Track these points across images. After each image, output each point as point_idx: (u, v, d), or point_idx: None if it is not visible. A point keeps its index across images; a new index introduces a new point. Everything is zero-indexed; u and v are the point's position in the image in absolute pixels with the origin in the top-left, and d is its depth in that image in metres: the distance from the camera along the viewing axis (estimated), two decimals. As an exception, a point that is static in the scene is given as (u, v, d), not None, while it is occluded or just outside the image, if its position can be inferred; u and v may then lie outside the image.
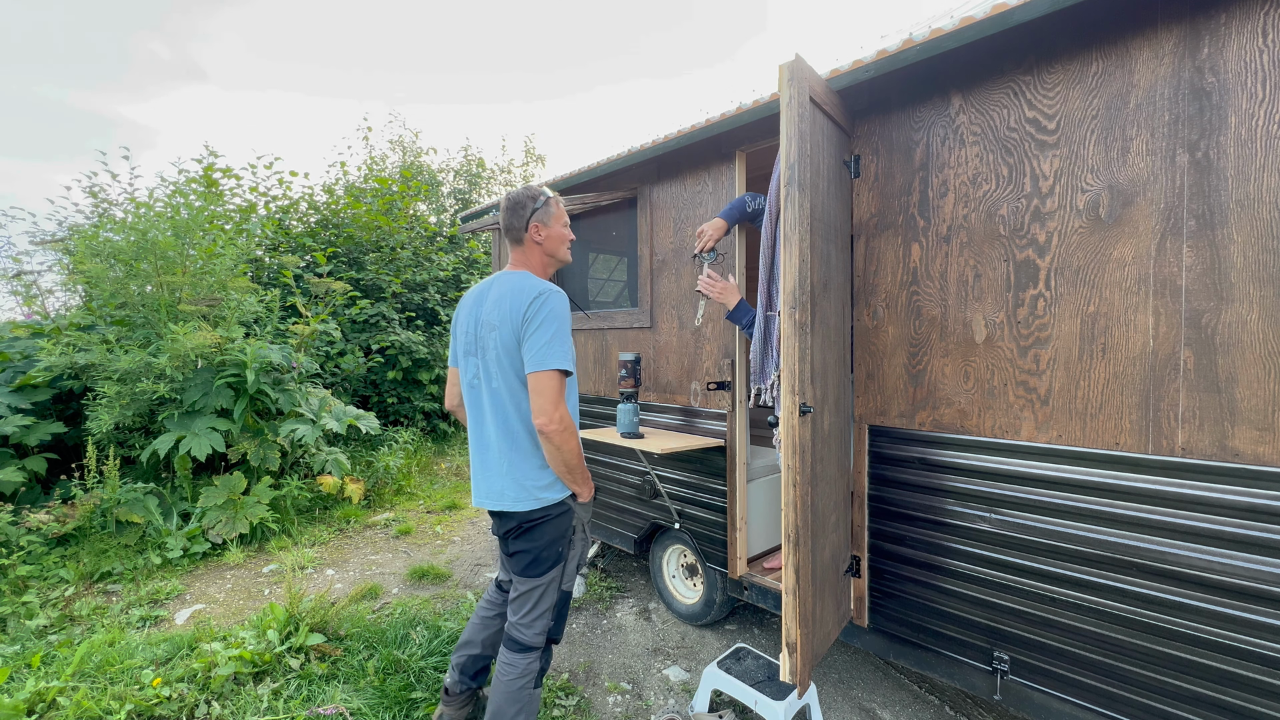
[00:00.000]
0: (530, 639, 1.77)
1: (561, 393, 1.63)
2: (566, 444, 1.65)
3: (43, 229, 5.64)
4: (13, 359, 4.23)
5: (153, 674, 2.32)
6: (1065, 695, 1.76)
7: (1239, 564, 1.46)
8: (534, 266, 1.85)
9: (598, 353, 3.33)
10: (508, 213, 1.81)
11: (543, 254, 1.85)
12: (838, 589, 2.12)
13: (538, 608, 1.77)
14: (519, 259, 1.85)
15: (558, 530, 1.77)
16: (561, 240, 1.87)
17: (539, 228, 1.81)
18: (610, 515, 3.35)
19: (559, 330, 1.65)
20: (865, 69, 1.95)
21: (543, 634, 1.78)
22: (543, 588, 1.77)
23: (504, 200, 1.83)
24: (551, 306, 1.67)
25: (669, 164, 2.85)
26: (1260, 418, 1.42)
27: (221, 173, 6.29)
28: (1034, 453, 1.77)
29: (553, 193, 1.87)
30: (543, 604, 1.78)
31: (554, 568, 1.78)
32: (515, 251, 1.85)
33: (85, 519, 3.71)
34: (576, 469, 1.72)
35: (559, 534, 1.77)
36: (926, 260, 1.98)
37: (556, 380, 1.62)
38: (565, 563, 1.80)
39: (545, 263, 1.87)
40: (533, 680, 1.76)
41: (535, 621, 1.77)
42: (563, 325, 1.67)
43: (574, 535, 1.82)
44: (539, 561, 1.76)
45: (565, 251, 1.90)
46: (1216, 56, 1.45)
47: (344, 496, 4.69)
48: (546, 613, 1.78)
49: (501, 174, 12.22)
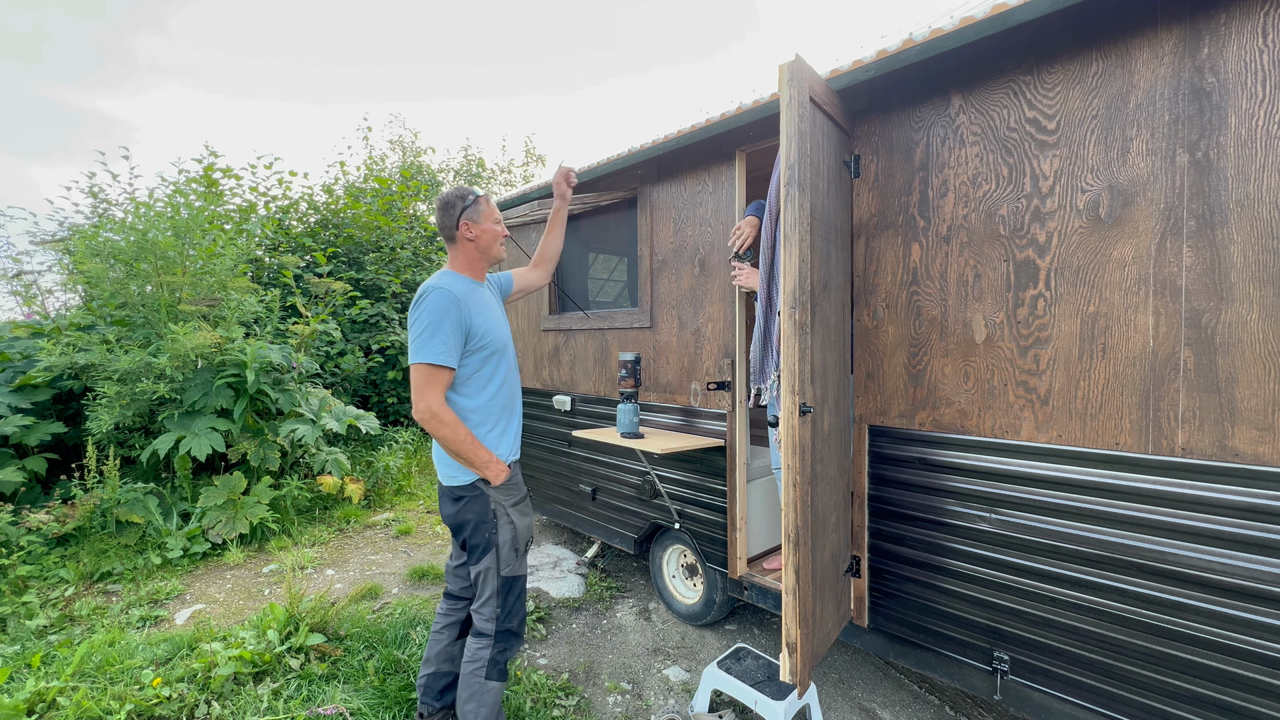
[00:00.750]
0: (480, 624, 1.86)
1: (430, 386, 1.70)
2: (437, 433, 1.73)
3: (43, 229, 5.64)
4: (13, 359, 4.23)
5: (153, 674, 2.32)
6: (1065, 695, 1.76)
7: (1239, 564, 1.46)
8: (462, 264, 1.92)
9: (598, 353, 3.33)
10: (439, 213, 1.89)
11: (474, 251, 1.91)
12: (838, 589, 2.12)
13: (482, 593, 1.86)
14: (451, 257, 1.94)
15: (475, 513, 1.83)
16: (493, 237, 1.93)
17: (469, 225, 1.87)
18: (610, 515, 3.35)
19: (431, 325, 1.71)
20: (865, 69, 1.95)
21: (491, 620, 1.84)
22: (482, 573, 1.86)
23: (436, 201, 1.91)
24: (427, 303, 1.73)
25: (669, 164, 2.85)
26: (1260, 418, 1.42)
27: (221, 172, 6.29)
28: (1034, 453, 1.77)
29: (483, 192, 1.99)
30: (485, 589, 1.85)
31: (486, 553, 1.84)
32: (449, 249, 1.94)
33: (85, 519, 3.71)
34: (464, 456, 1.77)
35: (479, 517, 1.83)
36: (926, 260, 1.98)
37: (422, 373, 1.70)
38: (497, 548, 1.84)
39: (475, 260, 1.93)
40: (483, 669, 1.83)
41: (483, 607, 1.85)
42: (437, 320, 1.71)
43: (496, 519, 1.84)
44: (471, 548, 1.86)
45: (498, 249, 1.95)
46: (1216, 56, 1.45)
47: (344, 496, 4.69)
48: (492, 599, 1.84)
49: (502, 174, 12.23)
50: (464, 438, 1.75)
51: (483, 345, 1.83)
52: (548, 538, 4.17)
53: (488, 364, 1.86)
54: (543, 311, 3.75)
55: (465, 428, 1.77)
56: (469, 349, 1.80)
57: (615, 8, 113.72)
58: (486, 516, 1.84)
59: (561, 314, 3.65)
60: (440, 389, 1.73)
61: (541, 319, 3.75)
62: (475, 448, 1.78)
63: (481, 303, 1.87)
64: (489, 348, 1.85)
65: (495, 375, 1.89)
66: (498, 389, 1.90)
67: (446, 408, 1.73)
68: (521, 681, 2.42)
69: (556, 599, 3.20)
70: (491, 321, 1.88)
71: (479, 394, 1.85)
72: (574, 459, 3.56)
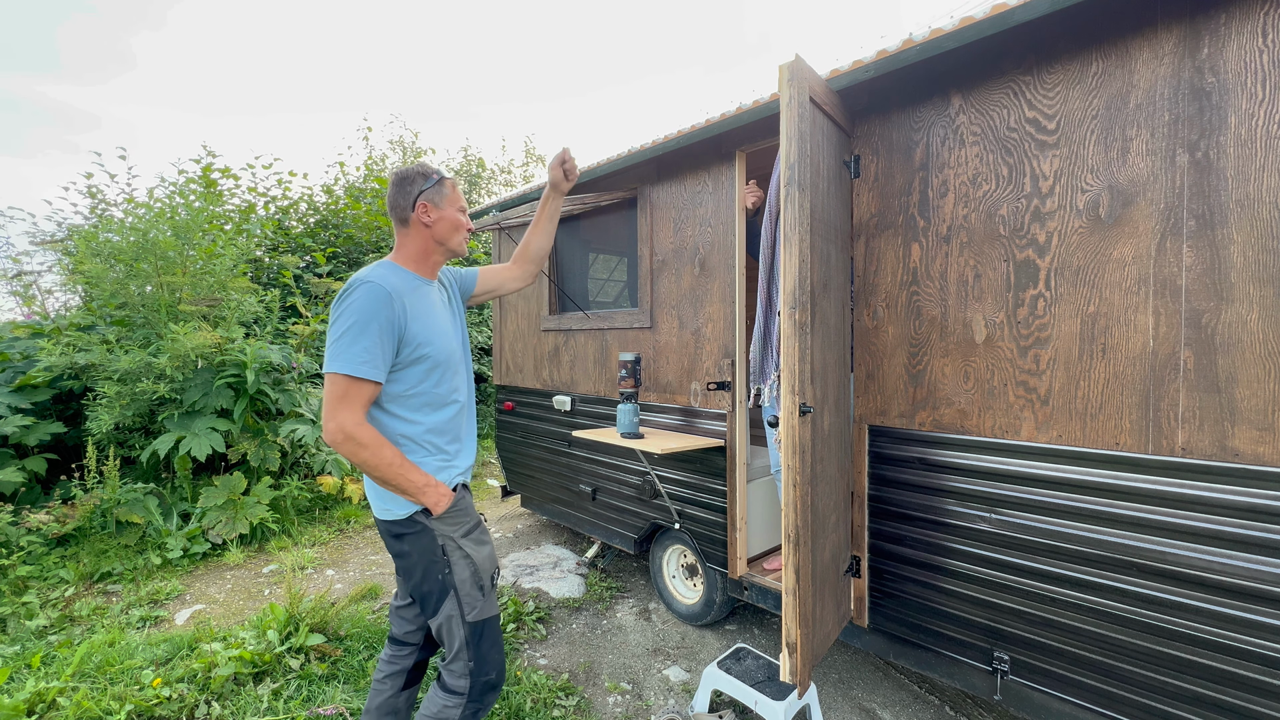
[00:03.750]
0: (451, 681, 1.54)
1: (344, 403, 1.37)
2: (355, 457, 1.38)
3: (42, 229, 5.64)
4: (13, 359, 4.23)
5: (153, 674, 2.32)
6: (1065, 695, 1.76)
7: (1239, 564, 1.46)
8: (410, 255, 1.59)
9: (598, 353, 3.33)
10: (393, 189, 1.57)
11: (430, 239, 1.58)
12: (838, 589, 2.12)
13: (450, 646, 1.55)
14: (399, 243, 1.60)
15: (421, 553, 1.51)
16: (455, 226, 1.60)
17: (428, 208, 1.55)
18: (610, 515, 3.35)
19: (353, 327, 1.38)
20: (865, 69, 1.95)
21: (464, 675, 1.53)
22: (444, 624, 1.54)
23: (391, 177, 1.59)
24: (353, 300, 1.41)
25: (669, 164, 2.85)
26: (1260, 418, 1.42)
27: (220, 173, 6.29)
28: (1034, 453, 1.77)
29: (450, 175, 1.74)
30: (452, 641, 1.54)
31: (444, 600, 1.52)
32: (398, 235, 1.60)
33: (85, 519, 3.71)
34: (392, 483, 1.43)
35: (426, 558, 1.51)
36: (926, 260, 1.98)
37: (337, 386, 1.37)
38: (455, 590, 1.52)
39: (428, 250, 1.60)
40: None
41: (453, 662, 1.55)
42: (362, 321, 1.39)
43: (448, 556, 1.52)
44: (424, 596, 1.54)
45: (459, 241, 1.62)
46: (1216, 56, 1.45)
47: (344, 497, 4.68)
48: (462, 651, 1.53)
49: (502, 174, 12.23)
50: (389, 460, 1.41)
51: (421, 355, 1.49)
52: (548, 538, 4.17)
53: (430, 378, 1.52)
54: (543, 311, 3.75)
55: (391, 448, 1.43)
56: (403, 359, 1.47)
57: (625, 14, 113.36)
58: (435, 555, 1.51)
59: (561, 314, 3.65)
60: (358, 406, 1.39)
61: (541, 319, 3.75)
62: (405, 470, 1.44)
63: (423, 304, 1.54)
64: (430, 359, 1.51)
65: (440, 394, 1.55)
66: (446, 413, 1.57)
67: (365, 426, 1.39)
68: (521, 681, 2.42)
69: (556, 599, 3.20)
70: (434, 328, 1.54)
71: (419, 416, 1.52)
72: (574, 459, 3.56)
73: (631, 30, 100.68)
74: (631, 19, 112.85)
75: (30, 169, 25.88)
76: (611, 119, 40.17)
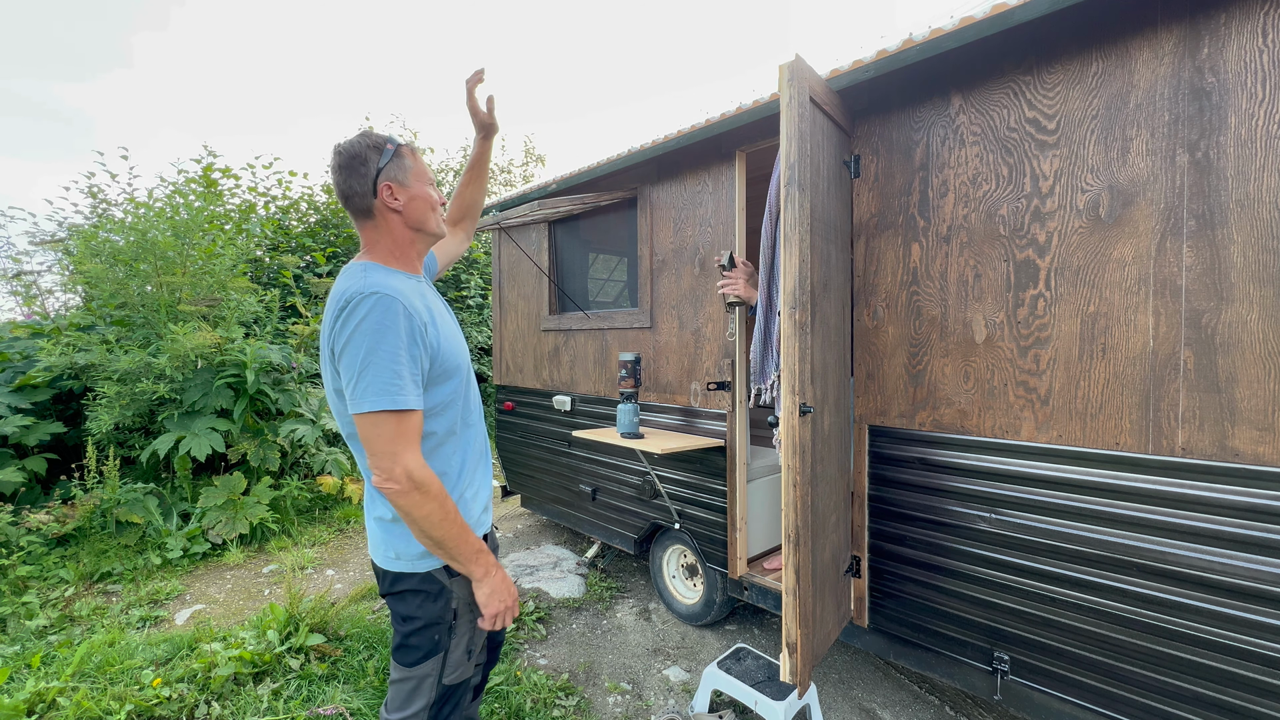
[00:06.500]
0: None
1: (403, 439, 1.14)
2: (418, 510, 1.15)
3: (43, 229, 5.64)
4: (13, 359, 4.23)
5: (153, 674, 2.32)
6: (1065, 695, 1.76)
7: (1239, 564, 1.46)
8: (387, 251, 1.30)
9: (598, 353, 3.33)
10: (343, 173, 1.26)
11: (403, 227, 1.30)
12: (838, 589, 2.12)
13: (408, 705, 1.31)
14: (368, 240, 1.31)
15: (429, 614, 1.29)
16: (428, 204, 1.32)
17: (393, 189, 1.26)
18: (610, 515, 3.35)
19: (373, 349, 1.13)
20: (865, 69, 1.95)
21: None
22: (415, 681, 1.31)
23: (334, 158, 1.27)
24: (360, 317, 1.14)
25: (669, 164, 2.85)
26: (1260, 418, 1.42)
27: (220, 172, 6.29)
28: (1034, 453, 1.77)
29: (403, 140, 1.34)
30: (414, 702, 1.31)
31: (428, 659, 1.30)
32: (364, 230, 1.30)
33: (85, 519, 3.71)
34: (448, 545, 1.20)
35: (432, 618, 1.29)
36: (926, 260, 1.98)
37: (385, 425, 1.13)
38: (446, 653, 1.31)
39: (405, 241, 1.32)
40: None
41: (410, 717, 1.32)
42: (380, 341, 1.13)
43: (456, 621, 1.32)
44: (408, 647, 1.30)
45: (435, 221, 1.35)
46: (1216, 56, 1.45)
47: (344, 497, 4.69)
48: (420, 713, 1.31)
49: (502, 174, 12.22)
50: (453, 517, 1.20)
51: (446, 371, 1.27)
52: (548, 538, 4.17)
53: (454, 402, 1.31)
54: (543, 311, 3.75)
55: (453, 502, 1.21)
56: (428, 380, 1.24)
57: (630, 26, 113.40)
58: (443, 617, 1.30)
59: (561, 314, 3.65)
60: (415, 442, 1.16)
61: (541, 319, 3.75)
62: (465, 534, 1.22)
63: (435, 307, 1.33)
64: (454, 374, 1.30)
65: (460, 417, 1.33)
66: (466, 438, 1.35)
67: (429, 470, 1.18)
68: (521, 682, 2.42)
69: (556, 599, 3.20)
70: (449, 335, 1.32)
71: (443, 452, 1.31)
72: (574, 459, 3.56)
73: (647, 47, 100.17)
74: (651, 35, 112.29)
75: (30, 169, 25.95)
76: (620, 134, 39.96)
